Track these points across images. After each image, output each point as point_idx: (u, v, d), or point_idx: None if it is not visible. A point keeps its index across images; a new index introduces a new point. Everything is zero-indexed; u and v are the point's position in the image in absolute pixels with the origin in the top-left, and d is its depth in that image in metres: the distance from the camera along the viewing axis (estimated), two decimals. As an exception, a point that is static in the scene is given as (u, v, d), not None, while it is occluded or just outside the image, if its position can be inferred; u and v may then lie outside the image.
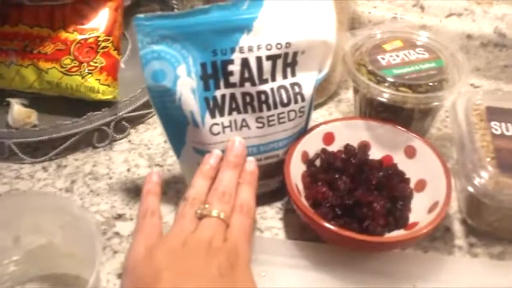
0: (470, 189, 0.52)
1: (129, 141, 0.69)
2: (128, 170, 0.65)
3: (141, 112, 0.70)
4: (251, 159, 0.54)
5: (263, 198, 0.60)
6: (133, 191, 0.62)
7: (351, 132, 0.61)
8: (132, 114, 0.68)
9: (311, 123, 0.60)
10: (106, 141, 0.68)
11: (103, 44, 0.66)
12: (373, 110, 0.62)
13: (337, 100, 0.76)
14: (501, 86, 0.78)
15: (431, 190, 0.55)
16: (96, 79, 0.66)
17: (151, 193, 0.49)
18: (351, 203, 0.54)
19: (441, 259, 0.55)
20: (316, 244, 0.56)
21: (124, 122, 0.69)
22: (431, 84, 0.59)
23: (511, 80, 0.79)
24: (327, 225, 0.50)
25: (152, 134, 0.70)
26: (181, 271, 0.41)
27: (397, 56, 0.62)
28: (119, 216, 0.60)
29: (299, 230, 0.58)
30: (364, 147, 0.61)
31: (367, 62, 0.61)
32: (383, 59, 0.61)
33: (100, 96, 0.66)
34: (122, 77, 0.70)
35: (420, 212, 0.54)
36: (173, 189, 0.62)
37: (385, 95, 0.58)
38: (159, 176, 0.51)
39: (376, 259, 0.55)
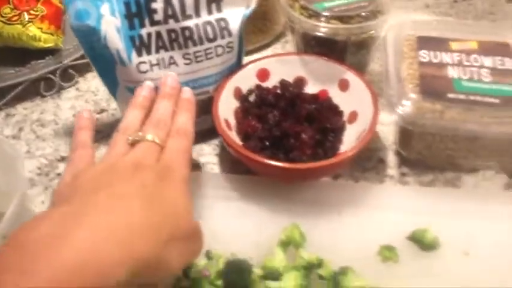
0: (395, 117, 0.53)
1: (77, 89, 0.71)
2: (74, 116, 0.67)
3: (87, 60, 0.71)
4: (187, 89, 0.53)
5: (200, 136, 0.62)
6: (78, 135, 0.64)
7: (286, 68, 0.61)
8: (77, 62, 0.69)
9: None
10: (53, 89, 0.69)
11: (44, -7, 0.67)
12: (308, 46, 0.63)
13: (284, 41, 0.76)
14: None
15: (362, 121, 0.56)
16: (38, 27, 0.67)
17: (82, 128, 0.49)
18: (278, 134, 0.55)
19: (370, 187, 0.57)
20: (247, 176, 0.57)
21: (71, 70, 0.70)
22: (363, 15, 0.59)
23: (461, 15, 0.78)
24: (250, 155, 0.51)
25: (100, 81, 0.71)
26: (99, 186, 0.39)
27: (330, -11, 0.62)
28: (62, 159, 0.61)
29: (232, 164, 0.59)
30: (300, 81, 0.62)
31: (299, -4, 0.62)
32: (316, -7, 0.62)
33: (42, 44, 0.67)
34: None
35: (349, 143, 0.55)
36: (115, 132, 0.64)
37: (316, 28, 0.58)
38: (89, 112, 0.51)
39: (306, 189, 0.56)
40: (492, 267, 0.49)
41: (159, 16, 0.54)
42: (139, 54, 0.54)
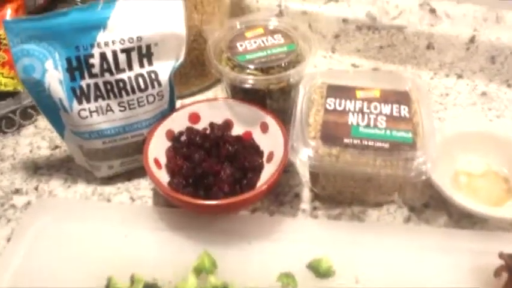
0: (298, 162, 0.60)
1: (35, 126, 0.79)
2: (31, 151, 0.75)
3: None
4: None
5: (139, 172, 0.69)
6: (32, 169, 0.72)
7: (216, 112, 0.69)
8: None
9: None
10: (14, 127, 0.77)
11: (4, 42, 0.75)
12: (234, 92, 0.71)
13: (223, 84, 0.84)
14: (379, 65, 0.86)
15: (276, 160, 0.63)
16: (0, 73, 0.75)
17: None
18: (200, 172, 0.63)
19: (283, 220, 0.64)
20: (173, 209, 0.65)
21: (30, 110, 0.78)
22: (283, 65, 0.67)
23: (388, 59, 0.86)
24: (170, 193, 0.59)
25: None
26: None
27: (255, 42, 0.70)
28: (16, 191, 0.69)
29: (164, 197, 0.66)
30: (227, 124, 0.69)
31: (226, 48, 0.69)
32: (241, 45, 0.69)
33: (3, 88, 0.76)
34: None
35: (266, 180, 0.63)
36: (65, 167, 0.72)
37: (238, 79, 0.66)
38: None
39: (226, 221, 0.63)
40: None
41: (96, 70, 0.61)
42: (80, 102, 0.62)
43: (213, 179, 0.62)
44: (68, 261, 0.60)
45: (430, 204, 0.66)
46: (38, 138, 0.77)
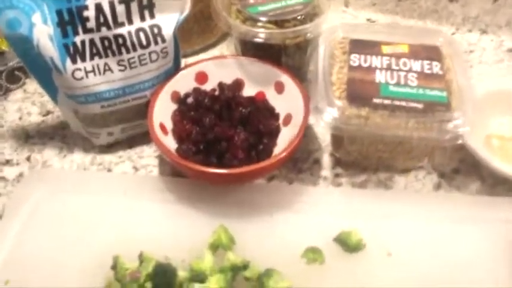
0: (322, 123, 0.54)
1: (24, 90, 0.71)
2: (20, 118, 0.68)
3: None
4: None
5: (142, 138, 0.63)
6: (23, 137, 0.65)
7: (224, 71, 0.63)
8: (22, 64, 0.70)
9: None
10: (0, 92, 0.70)
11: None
12: (245, 48, 0.64)
13: (230, 40, 0.77)
14: (397, 20, 0.79)
15: (294, 123, 0.57)
16: (-18, 31, 0.67)
17: None
18: (211, 138, 0.56)
19: (303, 189, 0.58)
20: (183, 179, 0.59)
21: (17, 72, 0.71)
22: (298, 18, 0.60)
23: (406, 14, 0.79)
24: (180, 161, 0.53)
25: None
26: None
27: (267, -8, 0.63)
28: (7, 162, 0.63)
29: (171, 166, 0.60)
30: (237, 84, 0.63)
31: (235, 0, 0.62)
32: (252, -4, 0.62)
33: (-13, 48, 0.68)
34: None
35: (284, 145, 0.57)
36: (59, 135, 0.65)
37: (250, 33, 0.59)
38: None
39: (241, 191, 0.57)
40: (413, 267, 0.51)
41: (91, 24, 0.54)
42: (74, 61, 0.55)
43: (226, 145, 0.56)
44: (67, 240, 0.54)
45: (460, 169, 0.60)
46: (27, 104, 0.69)
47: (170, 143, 0.57)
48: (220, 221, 0.54)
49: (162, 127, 0.57)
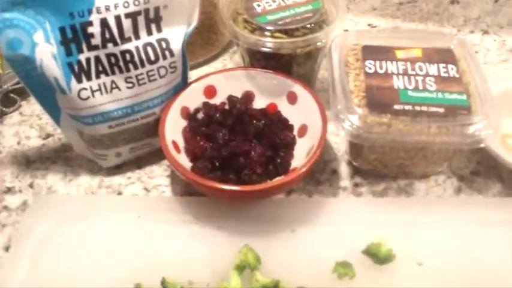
0: (342, 132, 0.52)
1: (20, 113, 0.68)
2: (18, 143, 0.64)
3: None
4: None
5: (151, 157, 0.60)
6: (24, 163, 0.62)
7: (233, 83, 0.61)
8: (19, 85, 0.67)
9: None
10: (-5, 115, 0.67)
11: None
12: (254, 59, 0.62)
13: (232, 51, 0.75)
14: (398, 24, 0.78)
15: (311, 134, 0.56)
16: (-27, 53, 0.64)
17: None
18: (226, 154, 0.54)
19: (325, 201, 0.56)
20: (198, 198, 0.56)
21: (12, 95, 0.67)
22: (308, 26, 0.59)
23: (407, 17, 0.78)
24: (197, 179, 0.50)
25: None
26: None
27: (274, 1, 0.61)
28: (8, 190, 0.59)
29: (184, 185, 0.58)
30: (248, 96, 0.61)
31: (242, 10, 0.60)
32: (258, 5, 0.61)
33: (-22, 71, 0.65)
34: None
35: (301, 157, 0.55)
36: (62, 158, 0.62)
37: (260, 43, 0.58)
38: None
39: (260, 206, 0.55)
40: (446, 275, 0.50)
41: (96, 40, 0.52)
42: (79, 80, 0.52)
43: (243, 160, 0.54)
44: (83, 270, 0.51)
45: (479, 171, 0.59)
46: (25, 127, 0.66)
47: (184, 161, 0.54)
48: (241, 239, 0.52)
49: (175, 145, 0.55)
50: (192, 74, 0.61)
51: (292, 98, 0.59)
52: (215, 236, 0.53)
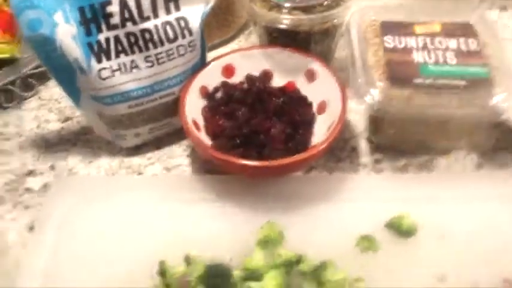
0: (363, 106, 0.52)
1: (39, 97, 0.68)
2: (38, 127, 0.64)
3: (46, 67, 0.69)
4: None
5: (170, 138, 0.61)
6: (44, 146, 0.62)
7: (251, 62, 0.60)
8: (37, 70, 0.67)
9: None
10: (15, 100, 0.67)
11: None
12: (272, 38, 0.62)
13: (248, 33, 0.75)
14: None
15: (331, 111, 0.56)
16: (-8, 37, 0.64)
17: None
18: (247, 131, 0.54)
19: (344, 178, 0.56)
20: (219, 176, 0.56)
21: (31, 79, 0.68)
22: (326, 3, 0.59)
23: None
24: (220, 156, 0.50)
25: (62, 88, 0.69)
26: None
27: (290, -21, 0.61)
28: (30, 173, 0.59)
29: (204, 164, 0.58)
30: (266, 75, 0.61)
31: (259, -12, 0.60)
32: (275, -16, 0.60)
33: (-3, 56, 0.65)
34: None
35: (321, 134, 0.55)
36: (82, 140, 0.62)
37: (278, 20, 0.58)
38: None
39: (281, 184, 0.55)
40: (468, 248, 0.49)
41: (115, 20, 0.52)
42: (99, 60, 0.53)
43: (264, 138, 0.54)
44: (107, 250, 0.51)
45: (500, 147, 0.59)
46: (44, 111, 0.66)
47: (204, 139, 0.54)
48: (263, 216, 0.52)
49: (195, 124, 0.55)
50: (209, 56, 0.61)
51: (310, 76, 0.59)
52: (237, 213, 0.53)
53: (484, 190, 0.54)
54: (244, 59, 0.60)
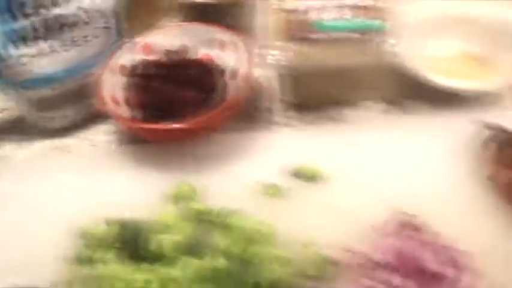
0: (266, 66, 0.56)
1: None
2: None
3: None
4: None
5: (97, 118, 0.64)
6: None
7: (169, 39, 0.64)
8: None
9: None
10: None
11: None
12: (188, 15, 0.66)
13: (172, 16, 0.77)
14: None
15: (241, 77, 0.59)
16: None
17: None
18: (162, 100, 0.58)
19: (259, 136, 0.60)
20: (139, 146, 0.60)
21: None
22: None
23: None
24: (135, 125, 0.54)
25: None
26: None
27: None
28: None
29: (126, 137, 0.62)
30: (183, 49, 0.64)
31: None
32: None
33: None
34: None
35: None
36: (17, 128, 0.65)
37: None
38: None
39: (198, 147, 0.59)
40: (377, 191, 0.52)
41: (29, 8, 0.55)
42: (17, 47, 0.56)
43: (179, 106, 0.57)
44: (36, 220, 0.54)
45: (407, 95, 0.62)
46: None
47: (124, 113, 0.58)
48: (179, 177, 0.55)
49: (114, 100, 0.58)
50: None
51: (222, 45, 0.62)
52: (154, 177, 0.56)
53: (393, 134, 0.57)
54: (162, 36, 0.64)
